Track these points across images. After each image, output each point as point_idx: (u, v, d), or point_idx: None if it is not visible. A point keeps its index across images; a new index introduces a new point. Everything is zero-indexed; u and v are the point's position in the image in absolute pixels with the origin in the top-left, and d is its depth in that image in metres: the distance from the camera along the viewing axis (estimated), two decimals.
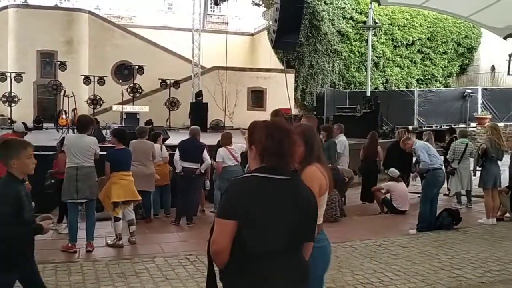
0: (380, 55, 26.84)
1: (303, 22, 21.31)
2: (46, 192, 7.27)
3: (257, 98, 25.43)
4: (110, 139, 7.98)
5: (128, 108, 20.24)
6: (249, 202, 2.15)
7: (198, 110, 21.04)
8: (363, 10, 25.76)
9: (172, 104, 21.89)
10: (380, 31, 26.46)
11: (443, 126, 20.52)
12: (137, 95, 21.46)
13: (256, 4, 29.30)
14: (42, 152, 8.83)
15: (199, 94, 21.91)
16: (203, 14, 31.50)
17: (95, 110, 20.00)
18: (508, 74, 9.99)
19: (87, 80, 20.98)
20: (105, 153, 6.98)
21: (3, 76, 20.86)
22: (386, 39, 27.08)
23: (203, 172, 8.52)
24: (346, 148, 9.86)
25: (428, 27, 27.72)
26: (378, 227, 8.15)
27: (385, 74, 27.27)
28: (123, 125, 16.86)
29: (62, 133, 14.21)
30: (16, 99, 20.83)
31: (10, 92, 20.70)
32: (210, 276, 2.40)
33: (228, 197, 2.25)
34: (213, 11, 36.27)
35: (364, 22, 24.21)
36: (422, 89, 25.23)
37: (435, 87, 27.05)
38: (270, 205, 2.18)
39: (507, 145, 9.09)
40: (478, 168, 8.48)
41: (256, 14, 31.37)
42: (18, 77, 20.96)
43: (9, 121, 19.61)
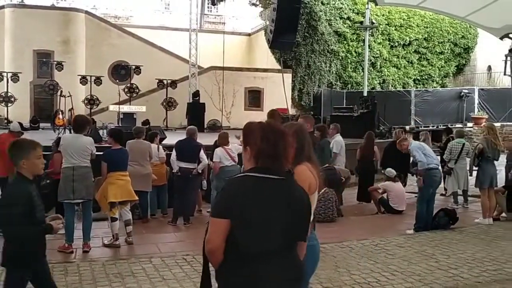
0: (377, 55, 26.90)
1: (300, 22, 21.32)
2: (42, 192, 7.24)
3: (254, 98, 25.44)
4: (107, 139, 7.97)
5: (125, 108, 20.23)
6: (245, 202, 2.16)
7: (195, 110, 21.04)
8: (360, 10, 25.80)
9: (169, 104, 21.88)
10: (377, 31, 26.53)
11: (440, 126, 20.58)
12: (134, 95, 21.41)
13: (253, 4, 29.31)
14: None
15: (196, 94, 21.90)
16: (200, 14, 31.49)
17: (92, 110, 19.94)
18: (505, 75, 10.01)
19: (84, 80, 20.91)
20: (102, 153, 6.95)
21: (0, 76, 20.81)
22: (383, 39, 27.15)
23: (200, 172, 8.53)
24: (343, 148, 9.86)
25: (425, 27, 27.81)
26: (375, 227, 8.16)
27: (382, 74, 27.33)
28: (120, 125, 16.86)
29: (59, 133, 14.18)
30: (13, 99, 20.75)
31: (7, 92, 20.62)
32: (205, 275, 2.40)
33: (223, 197, 2.26)
34: (210, 11, 36.23)
35: (361, 22, 24.26)
36: (419, 89, 25.27)
37: (432, 87, 27.13)
38: (265, 205, 2.18)
39: (504, 145, 9.12)
40: (475, 168, 8.50)
41: (253, 14, 31.36)
42: (15, 77, 20.90)
43: (6, 121, 19.51)
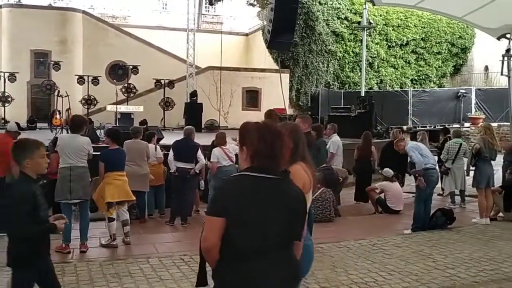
0: (375, 55, 26.92)
1: (298, 22, 21.33)
2: None
3: (252, 98, 25.44)
4: (104, 139, 7.95)
5: (123, 108, 20.21)
6: (242, 201, 2.16)
7: (193, 110, 21.04)
8: (358, 11, 25.82)
9: (167, 104, 21.84)
10: (375, 32, 26.54)
11: (437, 126, 20.60)
12: (132, 95, 21.38)
13: (251, 4, 29.32)
14: None
15: (194, 94, 21.89)
16: (198, 14, 31.46)
17: (89, 110, 19.92)
18: (502, 75, 10.02)
19: (81, 80, 20.88)
20: (99, 153, 6.95)
21: None
22: (381, 40, 27.17)
23: (198, 172, 8.52)
24: (340, 148, 9.85)
25: (422, 28, 27.84)
26: (372, 227, 8.17)
27: (380, 74, 27.35)
28: (118, 125, 16.83)
29: (56, 133, 14.15)
30: (10, 99, 20.72)
31: (4, 92, 20.60)
32: (201, 273, 2.40)
33: (219, 195, 2.27)
34: (208, 11, 36.23)
35: (359, 23, 24.28)
36: (416, 89, 25.32)
37: (429, 87, 27.17)
38: (262, 204, 2.19)
39: (501, 145, 9.13)
40: (472, 168, 8.52)
41: (251, 14, 31.37)
42: (12, 77, 20.86)
43: (3, 121, 19.48)
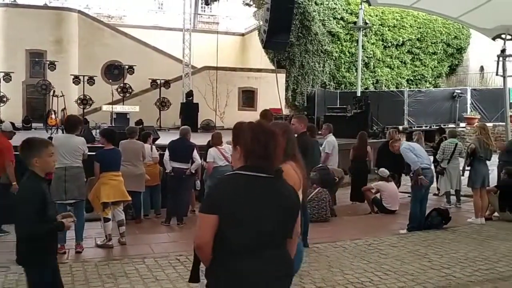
0: (371, 56, 26.98)
1: (294, 23, 21.35)
2: None
3: (248, 98, 25.44)
4: (99, 139, 7.93)
5: (118, 108, 20.15)
6: (236, 200, 2.17)
7: (189, 110, 21.01)
8: (354, 11, 25.86)
9: (163, 104, 21.81)
10: (371, 32, 26.61)
11: (433, 126, 20.68)
12: (127, 95, 21.30)
13: (247, 4, 29.33)
14: None
15: (190, 94, 21.86)
16: (194, 14, 31.45)
17: (85, 110, 19.84)
18: (497, 75, 10.07)
19: (77, 80, 20.78)
20: (95, 154, 6.92)
21: None
22: (376, 40, 27.23)
23: (194, 172, 8.51)
24: (335, 148, 9.82)
25: (418, 28, 27.92)
26: (368, 227, 8.17)
27: (376, 75, 27.41)
28: (113, 125, 16.80)
29: (51, 133, 14.11)
30: (5, 99, 20.59)
31: None
32: (194, 269, 2.40)
33: (213, 193, 2.29)
34: (204, 11, 36.22)
35: (355, 23, 24.34)
36: (412, 90, 25.40)
37: (425, 88, 27.25)
38: (256, 203, 2.19)
39: (496, 145, 9.17)
40: (467, 168, 8.54)
41: (247, 14, 31.40)
42: (7, 77, 20.73)
43: None
